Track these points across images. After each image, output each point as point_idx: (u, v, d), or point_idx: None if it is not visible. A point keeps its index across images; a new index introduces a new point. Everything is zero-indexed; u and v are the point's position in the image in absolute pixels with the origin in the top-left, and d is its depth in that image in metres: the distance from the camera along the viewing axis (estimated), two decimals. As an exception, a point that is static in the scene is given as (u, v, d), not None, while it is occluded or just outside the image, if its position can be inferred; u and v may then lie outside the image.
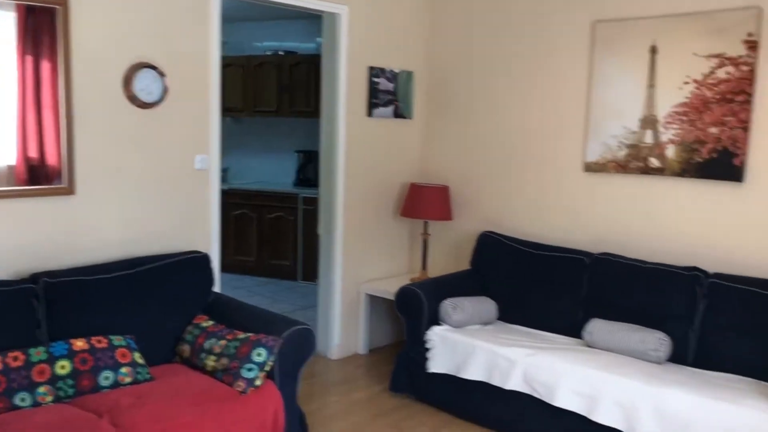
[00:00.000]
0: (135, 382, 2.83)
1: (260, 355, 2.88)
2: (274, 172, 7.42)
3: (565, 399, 3.15)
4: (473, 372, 3.49)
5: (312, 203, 6.47)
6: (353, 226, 4.54)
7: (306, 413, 3.60)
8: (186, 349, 3.12)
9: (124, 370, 2.82)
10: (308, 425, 3.46)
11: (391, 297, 4.33)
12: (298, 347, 3.01)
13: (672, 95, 3.71)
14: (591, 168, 4.04)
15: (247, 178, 7.50)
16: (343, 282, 4.52)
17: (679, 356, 3.35)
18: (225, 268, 6.85)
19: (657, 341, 3.28)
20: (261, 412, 2.80)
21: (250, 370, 2.85)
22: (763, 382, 3.07)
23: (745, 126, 3.47)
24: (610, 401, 3.02)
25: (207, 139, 3.71)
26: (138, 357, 2.91)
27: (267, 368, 2.89)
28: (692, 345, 3.35)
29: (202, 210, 3.73)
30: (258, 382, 2.86)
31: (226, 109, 6.53)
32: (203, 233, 3.75)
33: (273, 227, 6.82)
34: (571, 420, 3.16)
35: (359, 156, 4.50)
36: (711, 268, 3.58)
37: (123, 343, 2.89)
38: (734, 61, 3.49)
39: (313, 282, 6.49)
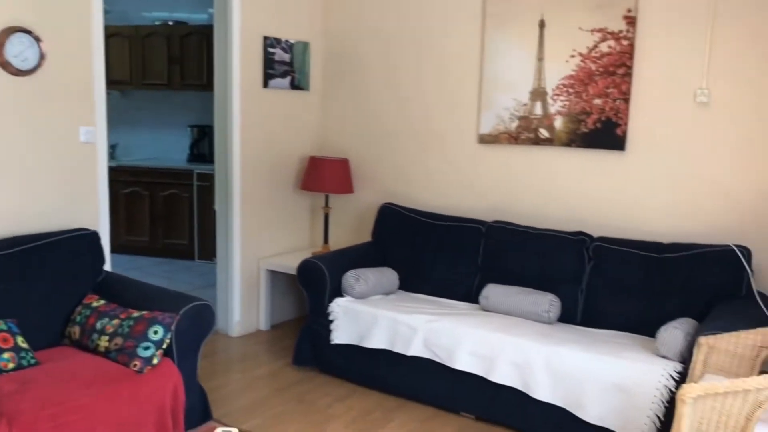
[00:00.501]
0: (19, 367, 2.66)
1: (156, 332, 2.78)
2: (166, 148, 7.13)
3: (464, 362, 3.26)
4: (376, 341, 3.54)
5: (207, 179, 6.28)
6: (251, 202, 4.45)
7: (208, 391, 3.53)
8: (76, 330, 2.97)
9: (6, 355, 2.64)
10: (210, 402, 3.40)
11: (293, 272, 4.30)
12: (196, 324, 2.93)
13: (559, 68, 3.87)
14: (485, 139, 4.16)
15: (138, 155, 7.17)
16: (242, 258, 4.43)
17: (568, 316, 3.54)
18: (117, 249, 6.54)
19: (548, 303, 3.45)
20: (159, 390, 2.71)
21: (146, 348, 2.75)
22: (642, 336, 3.31)
23: (626, 97, 3.68)
24: (506, 361, 3.15)
25: (92, 110, 3.50)
26: (21, 341, 2.73)
27: (164, 346, 2.80)
28: (580, 305, 3.54)
29: (89, 186, 3.53)
30: (155, 361, 2.76)
31: (113, 82, 6.20)
32: (91, 211, 3.55)
33: (167, 205, 6.57)
34: (471, 381, 3.28)
35: (256, 129, 4.40)
36: (597, 232, 3.79)
37: (3, 327, 2.71)
38: (615, 36, 3.68)
39: (211, 261, 6.33)
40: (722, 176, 3.43)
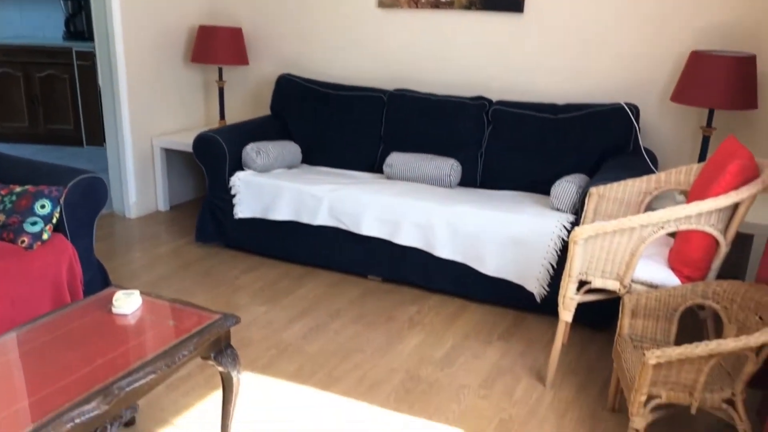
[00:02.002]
0: None
1: (44, 207, 2.61)
2: (38, 25, 6.48)
3: (369, 227, 3.30)
4: (281, 213, 3.51)
5: (88, 58, 5.80)
6: (138, 77, 4.16)
7: (108, 270, 3.42)
8: (-49, 210, 2.74)
9: None
10: (111, 281, 3.30)
11: (189, 149, 4.13)
12: (87, 197, 2.77)
13: (459, -73, 3.73)
14: (384, 3, 4.02)
15: (6, 32, 6.48)
16: (133, 138, 4.19)
17: (469, 179, 3.63)
18: (-9, 135, 6.07)
19: (449, 167, 3.51)
20: (52, 266, 2.59)
21: (34, 224, 2.59)
22: (539, 195, 3.45)
23: (524, -42, 3.61)
24: (409, 224, 3.22)
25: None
26: None
27: (54, 221, 2.64)
28: (480, 168, 3.63)
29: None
30: (45, 236, 2.61)
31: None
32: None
33: (45, 87, 6.05)
34: (377, 246, 3.34)
35: (138, -6, 4.05)
36: (497, 96, 3.83)
37: None
38: None
39: (101, 146, 5.99)
40: (614, 37, 3.50)
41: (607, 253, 2.34)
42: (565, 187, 3.03)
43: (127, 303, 1.94)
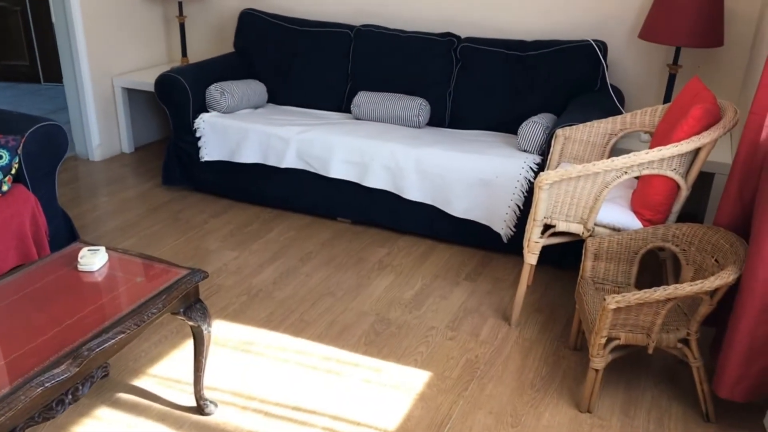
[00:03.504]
0: None
1: (1, 157, 2.55)
2: (-16, -47, 6.12)
3: (338, 170, 3.29)
4: (248, 155, 3.47)
5: (41, -11, 5.53)
6: (94, 12, 3.98)
7: (74, 217, 3.39)
8: None
9: None
10: (78, 228, 3.27)
11: (152, 89, 4.01)
12: (46, 145, 2.71)
13: None
14: (350, -66, 3.87)
15: (-51, -38, 6.11)
16: (92, 77, 4.05)
17: (438, 119, 3.61)
18: (-58, 73, 5.84)
19: (418, 107, 3.47)
20: (15, 217, 2.54)
21: (-8, 176, 2.53)
22: (507, 134, 3.45)
23: None
24: (378, 166, 3.21)
25: None
26: None
27: (13, 171, 2.58)
28: (448, 108, 3.60)
29: None
30: (5, 188, 2.56)
31: None
32: None
33: (-4, 22, 5.79)
34: (346, 188, 3.33)
35: (88, -76, 3.82)
36: (465, 32, 3.76)
37: None
38: None
39: (59, 83, 5.79)
40: (585, -29, 3.44)
41: (571, 198, 2.37)
42: (532, 128, 3.04)
43: (93, 260, 1.93)
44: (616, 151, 3.04)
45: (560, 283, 2.94)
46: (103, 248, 2.00)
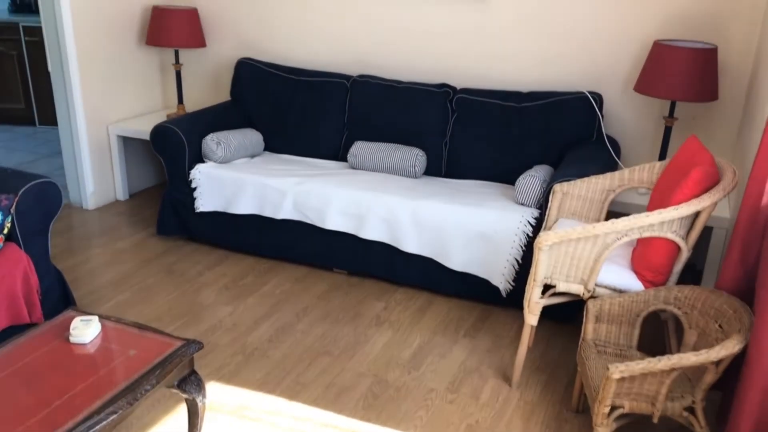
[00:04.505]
0: None
1: (-6, 218, 2.51)
2: (-19, -2, 6.16)
3: (335, 221, 3.26)
4: (244, 206, 3.44)
5: (37, 34, 5.55)
6: (90, 60, 3.99)
7: (67, 269, 3.35)
8: None
9: None
10: (72, 281, 3.23)
11: (147, 137, 4.00)
12: (40, 203, 2.67)
13: None
14: (346, -15, 3.90)
15: (-54, 6, 6.15)
16: (87, 124, 4.04)
17: (434, 169, 3.60)
18: (-63, 118, 5.83)
19: (414, 157, 3.47)
20: (6, 278, 2.50)
21: (-16, 236, 2.49)
22: (504, 184, 3.44)
23: (488, -61, 3.52)
24: (375, 218, 3.18)
25: None
26: None
27: (5, 231, 2.55)
28: (445, 157, 3.60)
29: None
30: (-3, 248, 2.52)
31: None
32: None
33: (-8, 65, 5.79)
34: (342, 239, 3.31)
35: (86, -25, 3.85)
36: (461, 82, 3.78)
37: None
38: None
39: (54, 125, 5.77)
40: (577, 24, 3.46)
41: (571, 259, 2.34)
42: (529, 182, 3.03)
43: (85, 331, 1.89)
44: (615, 205, 3.03)
45: (561, 339, 2.90)
46: (95, 318, 1.95)
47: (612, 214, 3.03)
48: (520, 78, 3.66)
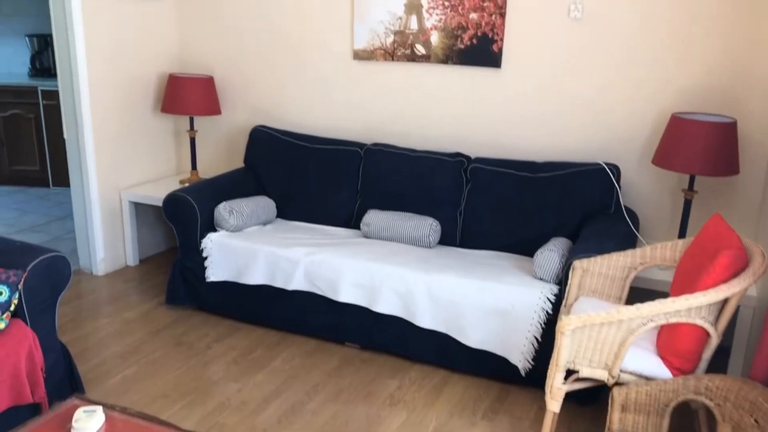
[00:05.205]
0: None
1: (1, 294, 2.46)
2: (2, 62, 6.29)
3: (347, 294, 3.19)
4: (255, 277, 3.38)
5: (55, 97, 5.64)
6: (105, 126, 4.01)
7: (74, 340, 3.29)
8: None
9: None
10: (78, 354, 3.16)
11: (159, 203, 3.98)
12: (49, 278, 2.62)
13: (435, -21, 3.66)
14: (360, 55, 3.93)
15: (-32, 70, 6.29)
16: (100, 190, 4.03)
17: (448, 238, 3.54)
18: (-47, 180, 5.88)
19: (428, 227, 3.41)
20: (10, 356, 2.43)
21: (-10, 313, 2.43)
22: (520, 256, 3.37)
23: (501, 12, 3.55)
24: (388, 291, 3.11)
25: None
26: None
27: (11, 308, 2.49)
28: (459, 227, 3.54)
29: None
30: (2, 326, 2.45)
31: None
32: None
33: (10, 128, 5.86)
34: (354, 312, 3.23)
35: (105, 44, 3.90)
36: (475, 151, 3.76)
37: None
38: (492, -55, 3.50)
39: (68, 186, 5.79)
40: (592, 94, 3.45)
41: (595, 343, 2.25)
42: (548, 257, 2.95)
43: (88, 424, 1.81)
44: (637, 280, 2.94)
45: (583, 423, 2.77)
46: (99, 409, 1.87)
47: (634, 290, 2.95)
48: (535, 146, 3.63)
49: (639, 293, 3.03)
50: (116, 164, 4.12)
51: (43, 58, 6.06)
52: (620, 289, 2.68)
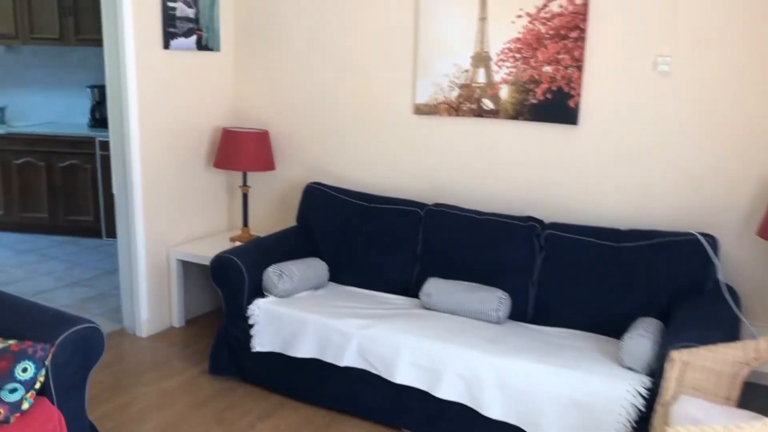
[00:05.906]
0: None
1: (26, 370, 2.23)
2: (64, 112, 6.34)
3: (405, 375, 2.85)
4: (304, 349, 3.09)
5: (111, 149, 5.58)
6: (155, 181, 3.85)
7: (107, 413, 3.05)
8: (-77, 368, 2.37)
9: None
10: (112, 429, 2.90)
11: (207, 263, 3.77)
12: (78, 352, 2.39)
13: (505, 30, 3.40)
14: (421, 110, 3.68)
15: (31, 119, 6.35)
16: (147, 247, 3.85)
17: (519, 312, 3.18)
18: (11, 227, 5.91)
19: (497, 300, 3.07)
20: (32, 444, 2.19)
21: (12, 391, 2.20)
22: (601, 336, 2.98)
23: (579, 65, 3.26)
24: (452, 374, 2.76)
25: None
26: None
27: (37, 386, 2.26)
28: (531, 300, 3.18)
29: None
30: (25, 405, 2.22)
31: (-9, 37, 5.36)
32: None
33: (67, 177, 5.83)
34: (413, 393, 2.88)
35: (158, 96, 3.77)
36: (547, 215, 3.42)
37: None
38: (569, -6, 3.23)
39: (119, 240, 5.69)
40: (684, 154, 3.09)
41: (707, 463, 1.85)
42: (639, 343, 2.56)
43: None
44: (753, 375, 2.50)
45: None
46: None
47: (747, 386, 2.51)
48: (617, 212, 3.27)
49: (753, 390, 2.58)
50: (165, 219, 3.94)
51: (103, 108, 6.05)
52: (729, 387, 2.27)
